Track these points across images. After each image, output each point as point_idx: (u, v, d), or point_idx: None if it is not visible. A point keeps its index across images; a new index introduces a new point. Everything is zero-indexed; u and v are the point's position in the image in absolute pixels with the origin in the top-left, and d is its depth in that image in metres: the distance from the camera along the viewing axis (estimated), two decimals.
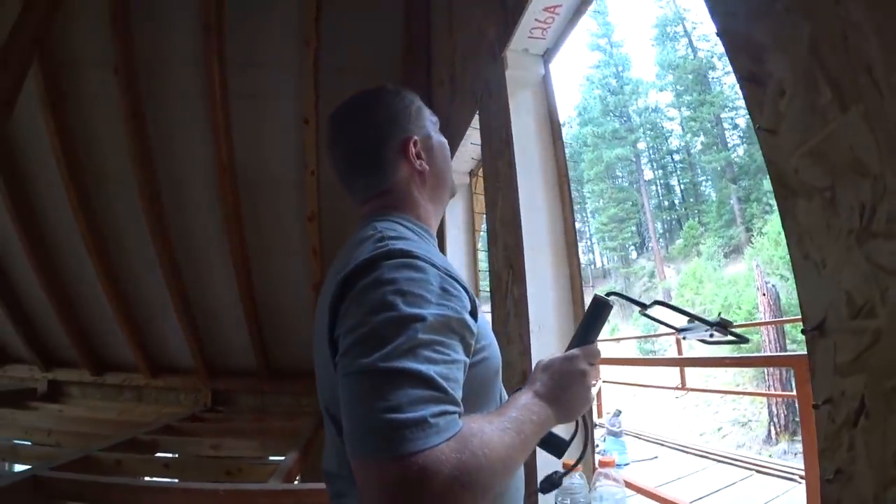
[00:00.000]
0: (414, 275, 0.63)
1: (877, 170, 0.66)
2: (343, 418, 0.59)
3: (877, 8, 0.65)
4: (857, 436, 0.69)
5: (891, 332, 0.65)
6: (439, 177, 0.91)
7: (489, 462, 0.55)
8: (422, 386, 0.55)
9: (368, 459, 0.53)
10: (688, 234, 28.87)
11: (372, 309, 0.61)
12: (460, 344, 0.64)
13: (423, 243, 0.75)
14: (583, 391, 0.75)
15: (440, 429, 0.53)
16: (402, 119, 0.89)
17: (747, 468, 3.50)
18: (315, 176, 4.17)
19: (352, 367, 0.59)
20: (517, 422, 0.63)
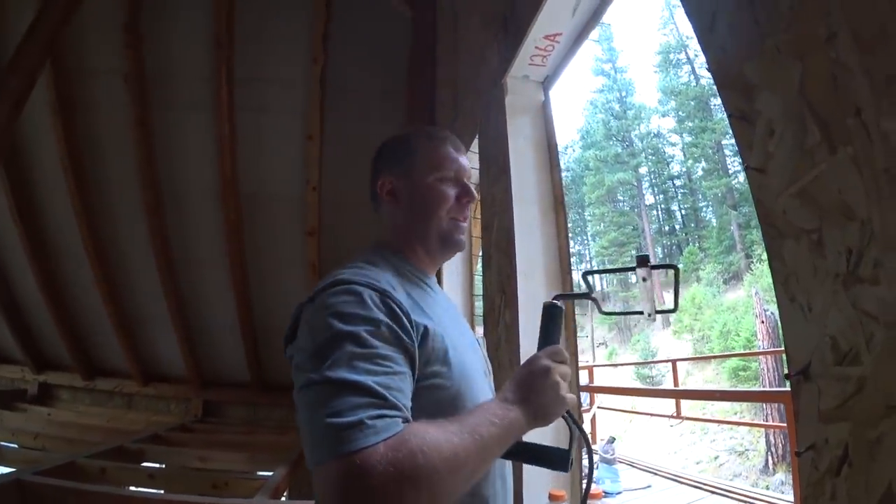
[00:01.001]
0: (350, 298, 0.71)
1: (864, 214, 0.65)
2: (300, 432, 0.65)
3: (866, 51, 0.65)
4: (840, 485, 0.68)
5: (875, 380, 0.63)
6: (416, 220, 0.93)
7: (428, 460, 0.58)
8: (360, 394, 0.61)
9: (320, 465, 0.58)
10: (688, 259, 28.82)
11: (312, 330, 0.70)
12: (403, 356, 0.70)
13: (377, 272, 0.80)
14: (550, 387, 0.75)
15: (377, 430, 0.58)
16: (390, 161, 0.96)
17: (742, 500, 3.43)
18: (316, 192, 4.20)
19: (299, 383, 0.67)
20: (472, 425, 0.66)
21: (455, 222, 0.94)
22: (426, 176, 0.92)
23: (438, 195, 0.92)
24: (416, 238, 0.93)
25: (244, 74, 3.85)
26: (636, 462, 4.88)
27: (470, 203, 0.96)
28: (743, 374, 16.52)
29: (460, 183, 0.95)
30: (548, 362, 0.77)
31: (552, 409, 0.75)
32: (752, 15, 0.83)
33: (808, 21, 0.73)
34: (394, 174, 0.95)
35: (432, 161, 0.94)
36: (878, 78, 0.64)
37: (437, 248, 0.94)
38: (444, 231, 0.93)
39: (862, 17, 0.65)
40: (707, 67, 0.93)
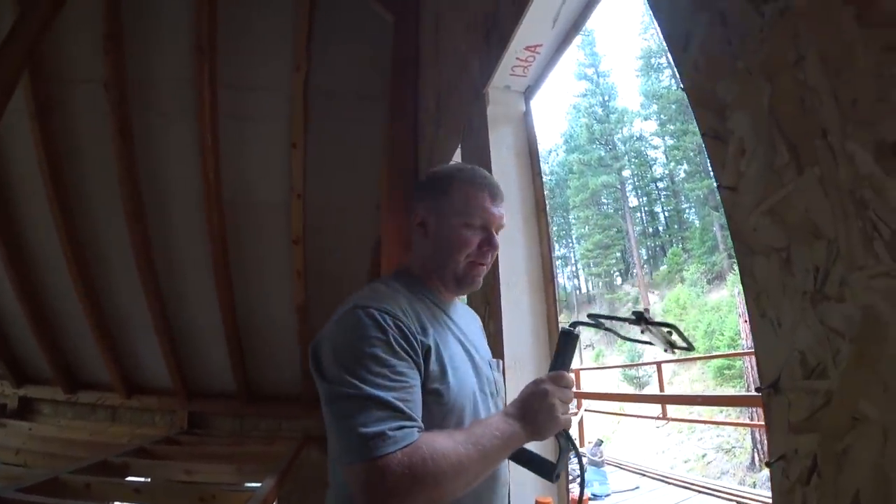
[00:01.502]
0: (368, 321, 0.81)
1: (831, 234, 0.68)
2: (329, 436, 0.79)
3: (833, 74, 0.67)
4: (810, 494, 0.70)
5: (842, 393, 0.66)
6: (437, 256, 1.00)
7: (436, 465, 0.72)
8: (382, 408, 0.74)
9: (350, 465, 0.73)
10: (672, 260, 29.21)
11: (337, 350, 0.82)
12: (415, 370, 0.82)
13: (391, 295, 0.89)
14: (548, 408, 0.84)
15: (396, 440, 0.72)
16: (427, 194, 1.03)
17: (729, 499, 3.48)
18: (301, 199, 4.18)
19: (331, 396, 0.78)
20: (476, 435, 0.78)
21: (472, 266, 1.00)
22: (454, 218, 0.98)
23: (461, 240, 0.97)
24: (435, 272, 1.01)
25: (227, 81, 3.83)
26: (624, 464, 4.92)
27: (490, 251, 1.01)
28: (728, 372, 16.74)
29: (487, 231, 1.00)
30: (549, 386, 0.86)
31: (547, 427, 0.85)
32: (725, 36, 0.85)
33: (777, 44, 0.76)
34: (427, 208, 1.01)
35: (464, 206, 0.98)
36: (843, 101, 0.66)
37: (452, 286, 1.02)
38: (459, 273, 1.00)
39: (829, 41, 0.68)
40: (681, 86, 0.95)
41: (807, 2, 0.70)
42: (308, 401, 4.86)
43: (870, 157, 0.62)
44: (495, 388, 1.04)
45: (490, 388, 1.01)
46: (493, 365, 1.07)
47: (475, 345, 1.04)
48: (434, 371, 0.86)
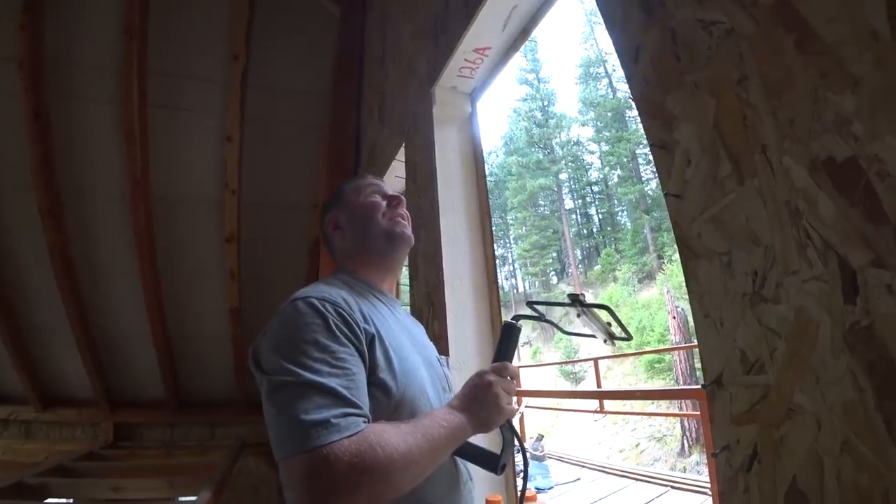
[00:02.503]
0: (308, 310, 0.79)
1: (768, 240, 0.74)
2: (269, 431, 0.72)
3: (773, 95, 0.73)
4: (752, 480, 0.76)
5: (779, 387, 0.72)
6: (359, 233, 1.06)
7: (386, 455, 0.67)
8: (325, 395, 0.69)
9: (289, 458, 0.66)
10: (605, 260, 30.50)
11: (277, 340, 0.78)
12: (358, 358, 0.78)
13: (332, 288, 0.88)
14: (491, 399, 0.84)
15: (341, 428, 0.67)
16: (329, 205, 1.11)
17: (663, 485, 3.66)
18: (235, 195, 3.99)
19: (270, 386, 0.73)
20: (424, 427, 0.75)
21: (394, 218, 1.06)
22: (356, 199, 1.07)
23: (370, 205, 1.06)
24: (365, 249, 1.05)
25: (159, 68, 3.58)
26: (565, 456, 5.07)
27: (400, 204, 1.09)
28: (658, 366, 17.72)
29: (386, 194, 1.09)
30: (492, 377, 0.86)
31: (493, 418, 0.84)
32: (674, 52, 0.91)
33: (723, 63, 0.81)
34: (334, 211, 1.09)
35: (357, 188, 1.09)
36: (781, 120, 0.72)
37: (385, 247, 1.05)
38: (385, 229, 1.04)
39: (770, 64, 0.74)
40: (630, 97, 1.00)
41: (751, 26, 0.76)
42: (242, 405, 4.64)
43: (804, 171, 0.68)
44: (447, 384, 1.03)
45: (442, 384, 1.00)
46: (443, 361, 1.08)
47: (422, 341, 1.05)
48: (380, 360, 0.83)
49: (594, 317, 0.95)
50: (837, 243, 0.65)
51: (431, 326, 1.87)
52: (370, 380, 0.80)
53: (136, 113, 3.52)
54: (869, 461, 0.61)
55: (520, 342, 0.95)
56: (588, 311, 0.93)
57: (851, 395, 0.63)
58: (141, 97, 3.52)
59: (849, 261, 0.64)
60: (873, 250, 0.61)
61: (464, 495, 0.92)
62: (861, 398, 0.62)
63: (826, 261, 0.66)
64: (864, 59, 0.62)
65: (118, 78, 3.51)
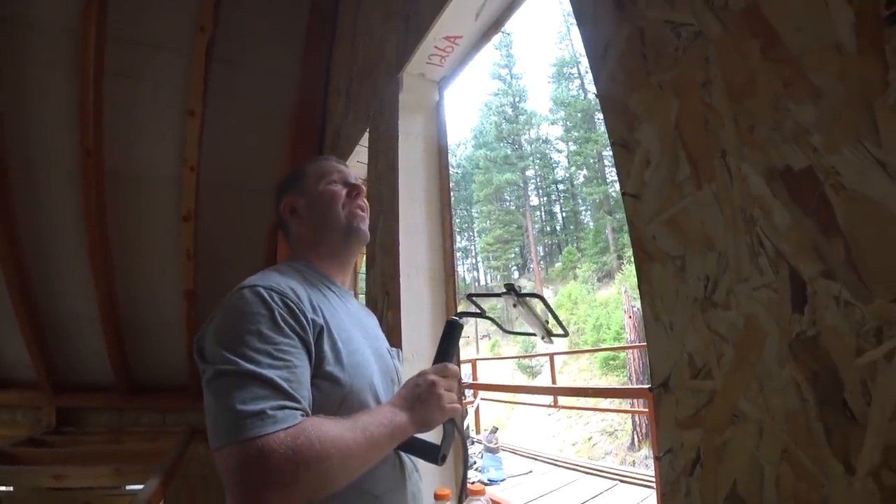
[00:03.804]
0: (254, 298, 0.78)
1: (721, 246, 0.74)
2: (207, 421, 0.70)
3: (735, 100, 0.73)
4: (693, 483, 0.76)
5: (724, 393, 0.72)
6: (317, 223, 1.03)
7: (323, 449, 0.67)
8: (263, 386, 0.68)
9: (223, 447, 0.65)
10: (566, 258, 31.06)
11: (220, 328, 0.76)
12: (303, 349, 0.77)
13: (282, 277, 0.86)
14: (433, 399, 0.84)
15: (277, 420, 0.66)
16: (286, 187, 1.07)
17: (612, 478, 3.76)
18: (195, 172, 3.80)
19: (209, 374, 0.72)
20: (364, 423, 0.75)
21: (353, 211, 1.03)
22: (316, 186, 1.03)
23: (330, 194, 1.02)
24: (321, 241, 1.02)
25: (119, 34, 3.36)
26: (518, 449, 5.14)
27: (360, 195, 1.06)
28: (613, 363, 18.20)
29: (346, 183, 1.05)
30: (434, 377, 0.86)
31: (433, 418, 0.84)
32: (642, 51, 0.90)
33: (688, 65, 0.80)
34: (292, 195, 1.05)
35: (318, 173, 1.05)
36: (742, 126, 0.72)
37: (341, 242, 1.03)
38: (343, 223, 1.01)
39: (735, 69, 0.73)
40: (596, 94, 0.99)
41: (719, 30, 0.75)
42: (195, 391, 4.46)
43: (761, 179, 0.68)
44: (396, 376, 1.03)
45: (392, 376, 1.00)
46: (394, 354, 1.07)
47: (373, 333, 1.04)
48: (327, 352, 0.82)
49: (530, 310, 0.95)
50: (789, 253, 0.65)
51: (385, 317, 1.84)
52: (317, 372, 0.79)
53: (92, 80, 3.31)
54: (808, 470, 0.62)
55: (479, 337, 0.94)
56: (523, 303, 0.93)
57: (794, 404, 0.63)
58: (98, 64, 3.30)
59: (799, 271, 0.64)
60: (824, 262, 0.61)
61: (409, 487, 0.92)
62: (803, 408, 0.62)
63: (777, 269, 0.66)
64: (828, 70, 0.62)
65: (73, 41, 3.29)
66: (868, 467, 0.56)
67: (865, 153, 0.58)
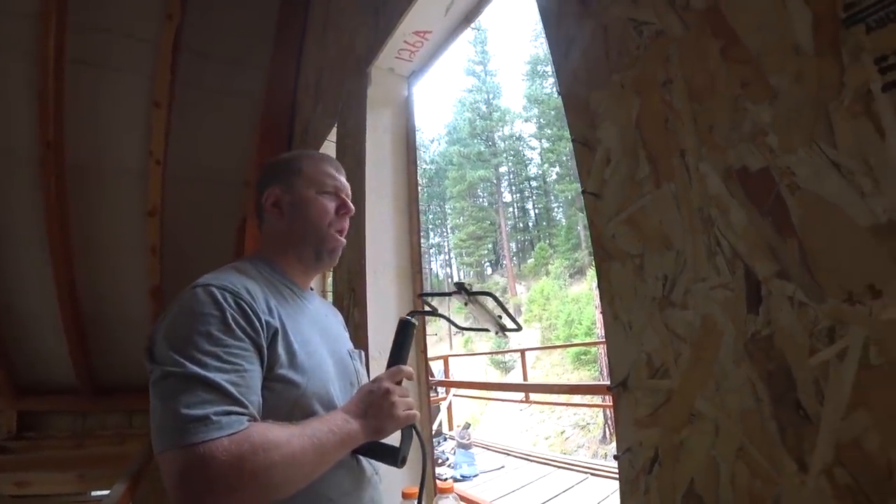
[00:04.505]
0: (206, 299, 0.75)
1: (680, 245, 0.73)
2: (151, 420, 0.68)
3: (695, 100, 0.73)
4: (652, 481, 0.76)
5: (681, 392, 0.72)
6: (296, 230, 0.97)
7: (268, 456, 0.66)
8: (209, 390, 0.66)
9: (163, 452, 0.64)
10: (539, 254, 31.40)
11: (170, 328, 0.74)
12: (254, 353, 0.75)
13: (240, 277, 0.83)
14: (386, 407, 0.83)
15: (221, 425, 0.64)
16: (276, 176, 1.00)
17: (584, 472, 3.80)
18: (161, 166, 3.68)
19: (156, 375, 0.70)
20: (313, 430, 0.74)
21: (335, 236, 0.99)
22: (308, 190, 0.98)
23: (320, 208, 0.97)
24: (293, 249, 0.98)
25: (82, 20, 3.21)
26: (491, 445, 5.16)
27: (347, 215, 1.01)
28: (584, 357, 18.48)
29: (339, 197, 1.00)
30: (388, 384, 0.85)
31: (387, 425, 0.84)
32: (605, 49, 0.89)
33: (650, 63, 0.80)
34: (279, 187, 0.98)
35: (314, 177, 0.99)
36: (701, 125, 0.72)
37: (311, 260, 0.98)
38: (319, 243, 0.98)
39: (695, 69, 0.73)
40: (558, 92, 0.98)
41: (681, 29, 0.75)
42: None
43: (719, 179, 0.68)
44: (356, 379, 1.00)
45: (351, 379, 0.97)
46: (356, 355, 1.05)
47: (334, 334, 1.02)
48: (281, 355, 0.80)
49: (482, 307, 0.94)
50: (745, 253, 0.65)
51: (352, 315, 1.81)
52: (270, 374, 0.78)
53: (52, 68, 3.15)
54: (762, 468, 0.62)
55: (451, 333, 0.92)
56: (475, 300, 0.92)
57: (749, 403, 0.64)
58: (58, 51, 3.14)
59: (755, 271, 0.64)
60: (779, 262, 0.62)
61: (369, 491, 0.90)
62: (758, 407, 0.63)
63: (733, 269, 0.66)
64: (786, 71, 0.62)
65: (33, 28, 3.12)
66: (821, 465, 0.56)
67: (820, 154, 0.58)
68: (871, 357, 0.53)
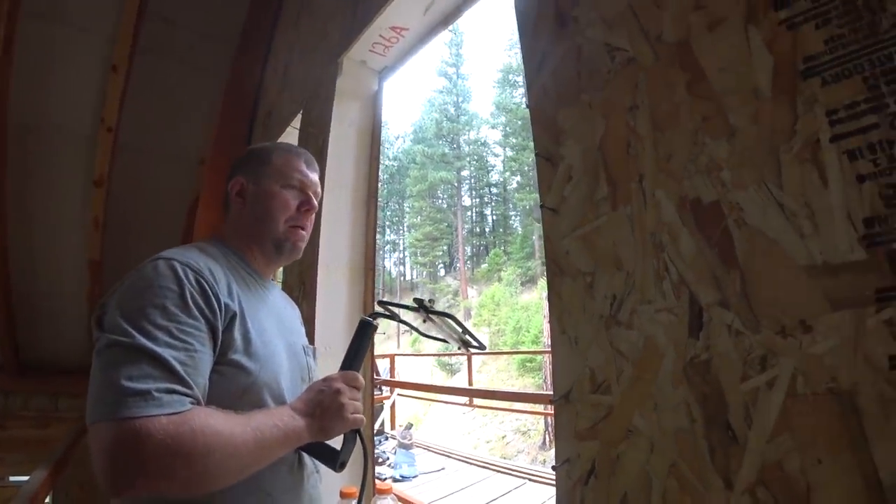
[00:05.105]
0: (166, 272, 0.73)
1: (630, 266, 0.76)
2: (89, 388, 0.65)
3: (658, 128, 0.76)
4: (587, 493, 0.78)
5: (621, 408, 0.75)
6: (256, 223, 0.96)
7: (206, 442, 0.63)
8: (155, 365, 0.64)
9: (96, 423, 0.61)
10: (493, 260, 31.79)
11: (124, 296, 0.72)
12: (207, 333, 0.73)
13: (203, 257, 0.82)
14: (336, 409, 0.81)
15: (162, 403, 0.62)
16: (246, 165, 1.00)
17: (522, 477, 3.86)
18: (112, 133, 3.45)
19: (102, 343, 0.67)
20: (258, 422, 0.72)
21: (294, 230, 0.98)
22: (273, 183, 0.97)
23: (280, 202, 0.96)
24: (254, 240, 0.97)
25: None
26: (432, 446, 5.16)
27: (309, 212, 1.00)
28: (530, 364, 18.83)
29: (304, 193, 0.99)
30: (340, 385, 0.84)
31: (334, 427, 0.82)
32: (577, 69, 0.91)
33: (618, 88, 0.83)
34: (246, 177, 0.98)
35: (282, 169, 0.98)
36: (661, 153, 0.75)
37: (272, 252, 0.97)
38: (280, 237, 0.96)
39: (661, 99, 0.76)
40: (527, 104, 0.99)
41: (651, 59, 0.78)
42: None
43: (673, 207, 0.71)
44: (308, 374, 1.00)
45: (302, 374, 0.96)
46: (309, 351, 1.04)
47: (291, 327, 1.00)
48: (237, 340, 0.78)
49: (444, 322, 0.93)
50: (691, 280, 0.68)
51: (301, 307, 1.77)
52: (223, 359, 0.76)
53: (4, 20, 2.91)
54: (692, 485, 0.65)
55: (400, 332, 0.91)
56: (432, 319, 0.92)
57: (684, 422, 0.67)
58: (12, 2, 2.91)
59: (698, 298, 0.67)
60: (721, 291, 0.65)
61: (307, 488, 0.89)
62: (691, 426, 0.66)
63: (679, 295, 0.69)
64: (744, 111, 0.65)
65: None
66: (745, 484, 0.60)
67: (768, 193, 0.62)
68: (797, 386, 0.57)
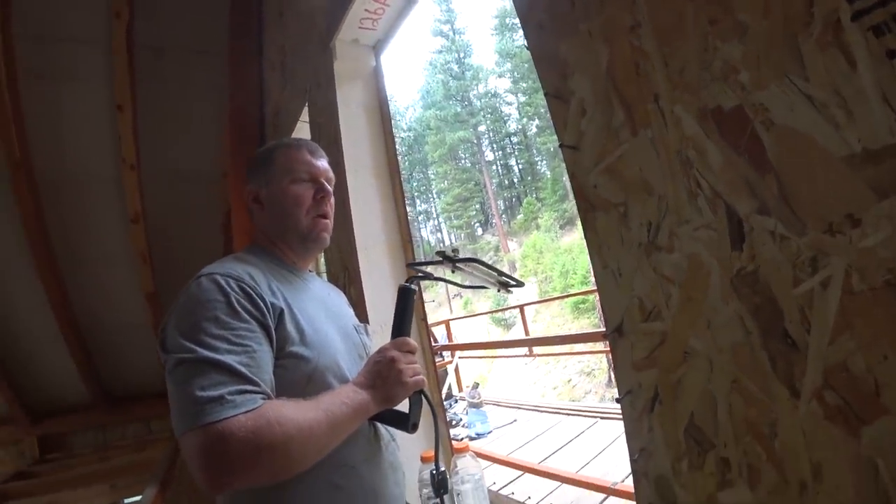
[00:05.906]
0: (211, 286, 0.79)
1: (661, 190, 0.74)
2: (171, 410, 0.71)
3: (664, 43, 0.72)
4: (654, 420, 0.79)
5: (674, 332, 0.74)
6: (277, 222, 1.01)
7: (283, 431, 0.68)
8: (222, 372, 0.70)
9: (186, 433, 0.66)
10: (527, 209, 31.44)
11: (180, 317, 0.77)
12: (262, 333, 0.78)
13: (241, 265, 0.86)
14: (394, 375, 0.86)
15: (237, 404, 0.67)
16: (254, 172, 1.04)
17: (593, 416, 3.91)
18: (135, 171, 3.57)
19: (170, 364, 0.73)
20: (326, 403, 0.77)
21: (316, 221, 1.01)
22: (282, 181, 0.99)
23: (293, 198, 0.99)
24: (281, 238, 1.01)
25: (27, 31, 3.07)
26: (501, 401, 5.29)
27: (325, 199, 1.02)
28: (583, 306, 18.80)
29: (316, 181, 1.02)
30: (394, 353, 0.88)
31: (397, 393, 0.86)
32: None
33: (616, 9, 0.79)
34: (257, 183, 1.02)
35: (287, 165, 1.01)
36: (673, 68, 0.71)
37: (299, 247, 1.02)
38: (303, 231, 1.00)
39: (662, 10, 0.72)
40: (526, 46, 0.96)
41: None
42: None
43: (694, 120, 0.68)
44: (364, 351, 1.04)
45: (359, 352, 1.01)
46: (361, 329, 1.08)
47: (337, 311, 1.04)
48: (291, 333, 0.83)
49: (475, 269, 0.95)
50: (725, 192, 0.66)
51: (348, 292, 1.81)
52: (281, 353, 0.81)
53: (6, 86, 3.01)
54: (757, 397, 0.64)
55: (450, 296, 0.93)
56: (461, 267, 0.93)
57: (739, 337, 0.65)
58: (9, 66, 3.00)
59: (735, 209, 0.65)
60: (758, 198, 0.62)
61: (385, 456, 0.94)
62: (748, 339, 0.65)
63: (715, 209, 0.67)
64: (752, 5, 0.61)
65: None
66: (811, 390, 0.59)
67: (793, 88, 0.58)
68: (853, 284, 0.54)
